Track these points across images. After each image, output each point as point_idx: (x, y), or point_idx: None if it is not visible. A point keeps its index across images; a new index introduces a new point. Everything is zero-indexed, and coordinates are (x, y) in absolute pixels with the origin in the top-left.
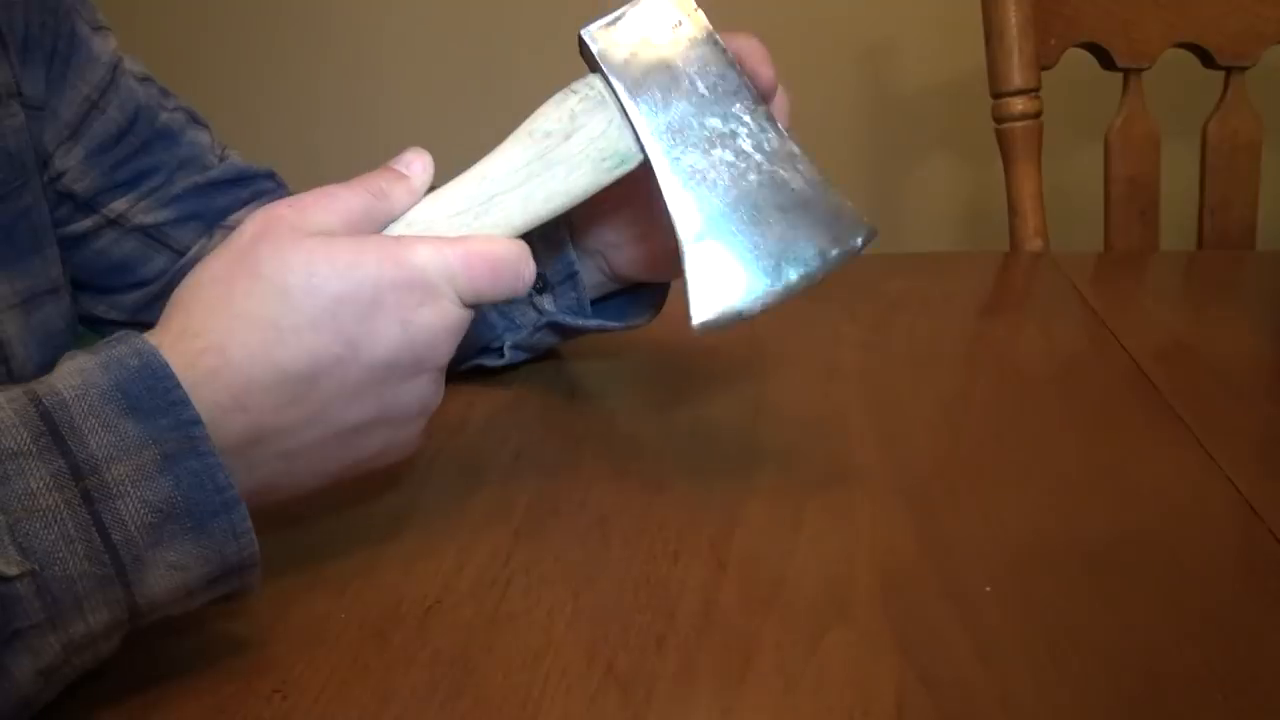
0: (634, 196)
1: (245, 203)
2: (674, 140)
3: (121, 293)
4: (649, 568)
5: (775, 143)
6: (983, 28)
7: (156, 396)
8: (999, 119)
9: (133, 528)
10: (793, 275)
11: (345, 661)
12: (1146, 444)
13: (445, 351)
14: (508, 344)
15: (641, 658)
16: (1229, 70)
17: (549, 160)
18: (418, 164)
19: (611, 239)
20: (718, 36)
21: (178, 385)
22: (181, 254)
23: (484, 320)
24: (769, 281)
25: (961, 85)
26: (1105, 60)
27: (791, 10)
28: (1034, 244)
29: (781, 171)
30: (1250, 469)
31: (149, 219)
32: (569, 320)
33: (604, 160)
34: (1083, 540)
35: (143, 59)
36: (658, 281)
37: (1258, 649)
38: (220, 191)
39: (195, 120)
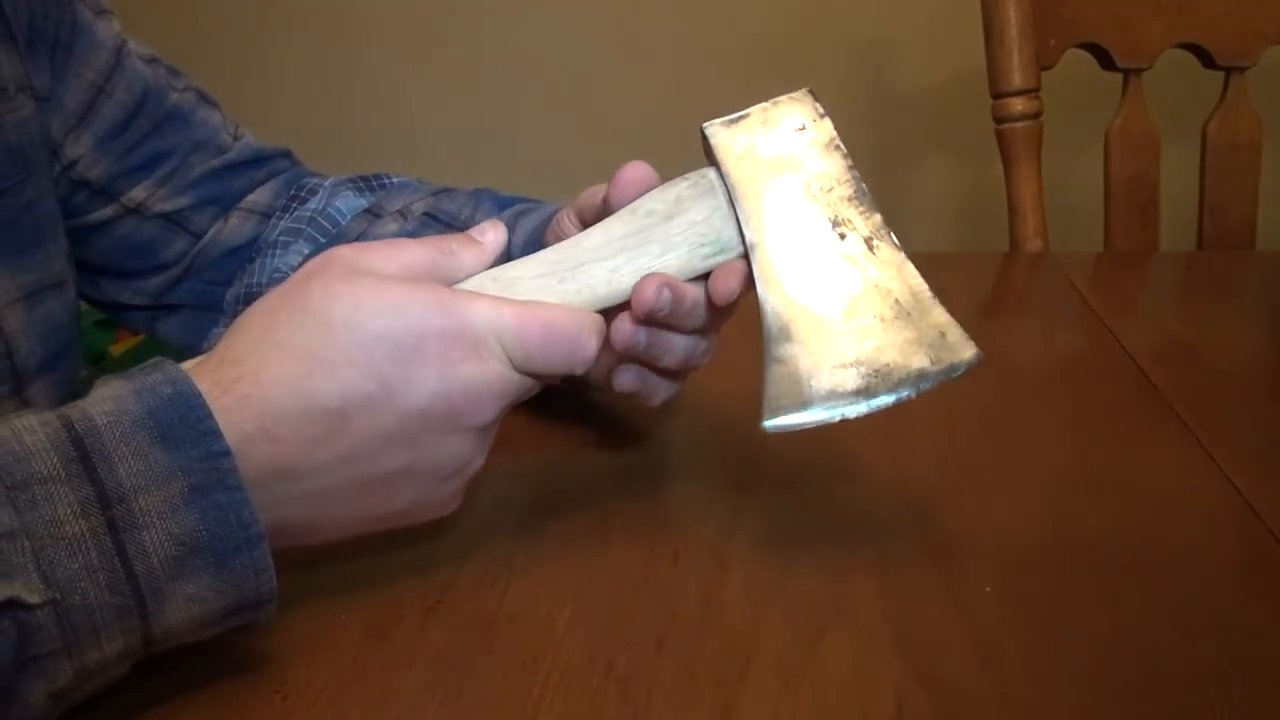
0: None
1: (260, 183)
2: (777, 237)
3: (143, 277)
4: (649, 568)
5: (885, 252)
6: (982, 27)
7: (188, 426)
8: (999, 119)
9: (155, 560)
10: (882, 390)
11: (345, 661)
12: (1146, 444)
13: (487, 411)
14: None
15: (641, 658)
16: (1229, 70)
17: (645, 237)
18: (491, 233)
19: None
20: (840, 142)
21: (209, 415)
22: (199, 237)
23: None
24: (855, 392)
25: (961, 85)
26: (1105, 60)
27: (791, 9)
28: (1034, 244)
29: (886, 280)
30: (1250, 469)
31: (168, 205)
32: None
33: (701, 246)
34: (1082, 540)
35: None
36: None
37: (1257, 648)
38: (236, 174)
39: (205, 99)
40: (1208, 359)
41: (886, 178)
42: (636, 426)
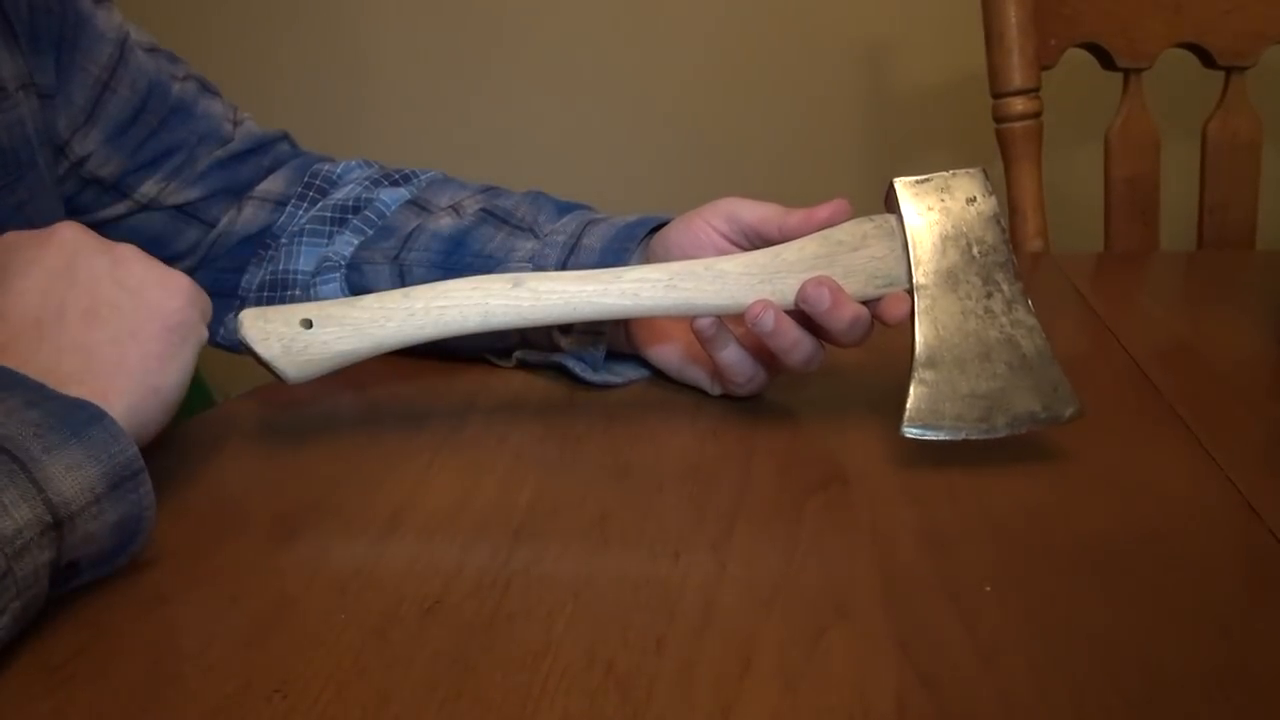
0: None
1: (268, 170)
2: (939, 282)
3: None
4: (649, 568)
5: (1021, 313)
6: (983, 28)
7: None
8: (999, 119)
9: (20, 438)
10: (999, 423)
11: (345, 661)
12: (1146, 444)
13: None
14: (516, 354)
15: (641, 658)
16: (1229, 70)
17: (833, 260)
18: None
19: (664, 349)
20: (1001, 219)
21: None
22: (212, 226)
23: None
24: (978, 420)
25: (961, 85)
26: (1105, 60)
27: (792, 10)
28: (1034, 244)
29: (1019, 336)
30: (1250, 469)
31: (179, 198)
32: (576, 368)
33: (875, 277)
34: (1083, 540)
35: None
36: (678, 379)
37: (1258, 649)
38: (241, 162)
39: (206, 88)
40: (1208, 359)
41: (887, 178)
42: (636, 426)
